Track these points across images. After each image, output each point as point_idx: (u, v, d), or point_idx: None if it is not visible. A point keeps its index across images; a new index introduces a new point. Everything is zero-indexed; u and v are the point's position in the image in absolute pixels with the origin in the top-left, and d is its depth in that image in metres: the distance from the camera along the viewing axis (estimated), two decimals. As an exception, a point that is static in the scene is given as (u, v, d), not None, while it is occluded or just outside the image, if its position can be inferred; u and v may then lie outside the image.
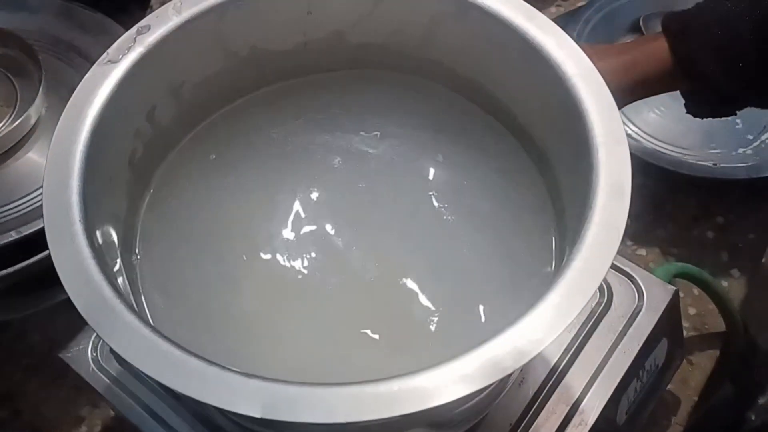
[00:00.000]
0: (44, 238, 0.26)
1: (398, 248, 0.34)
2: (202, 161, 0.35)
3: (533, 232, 0.34)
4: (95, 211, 0.28)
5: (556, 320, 0.24)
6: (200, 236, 0.34)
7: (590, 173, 0.28)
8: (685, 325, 0.50)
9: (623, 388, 0.39)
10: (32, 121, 0.46)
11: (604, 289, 0.41)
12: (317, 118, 0.37)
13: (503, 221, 0.34)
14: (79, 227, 0.26)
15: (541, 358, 0.39)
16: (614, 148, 0.28)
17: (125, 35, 0.31)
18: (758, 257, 0.54)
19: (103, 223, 0.29)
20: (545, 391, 0.38)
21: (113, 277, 0.27)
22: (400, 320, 0.32)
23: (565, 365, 0.39)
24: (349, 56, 0.37)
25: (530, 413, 0.38)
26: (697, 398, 0.48)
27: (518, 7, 0.32)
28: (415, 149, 0.36)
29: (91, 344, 0.40)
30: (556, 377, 0.39)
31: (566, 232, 0.31)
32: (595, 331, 0.40)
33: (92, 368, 0.39)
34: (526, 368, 0.38)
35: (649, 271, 0.42)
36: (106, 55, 0.31)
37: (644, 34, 0.63)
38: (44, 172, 0.27)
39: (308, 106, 0.37)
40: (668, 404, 0.47)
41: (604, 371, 0.39)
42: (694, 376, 0.49)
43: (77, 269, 0.25)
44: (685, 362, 0.48)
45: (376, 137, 0.37)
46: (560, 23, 0.64)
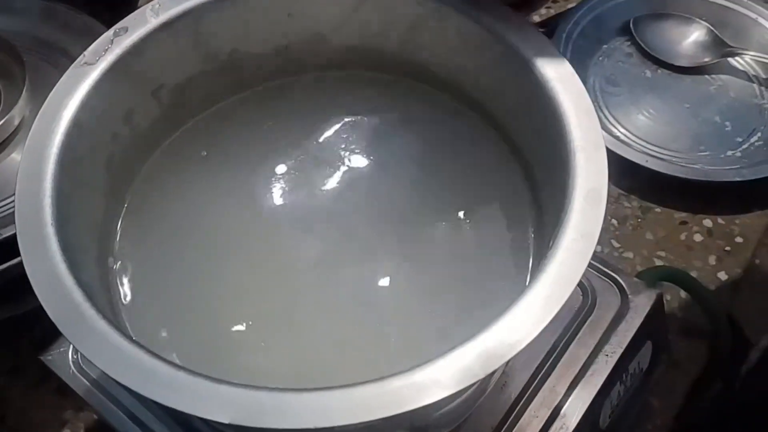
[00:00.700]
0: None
1: (377, 247, 0.34)
2: (182, 163, 0.35)
3: (513, 232, 0.34)
4: (70, 214, 0.28)
5: (529, 325, 0.24)
6: (179, 237, 0.34)
7: (567, 178, 0.28)
8: (671, 328, 0.50)
9: (606, 391, 0.39)
10: (16, 122, 0.46)
11: (588, 292, 0.41)
12: (298, 119, 0.37)
13: (482, 220, 0.34)
14: (50, 230, 0.26)
15: (523, 361, 0.39)
16: (592, 153, 0.28)
17: (102, 37, 0.31)
18: (746, 261, 0.54)
19: (78, 226, 0.29)
20: (527, 394, 0.38)
21: (86, 281, 0.26)
22: (379, 320, 0.32)
23: (547, 368, 0.39)
24: (330, 58, 0.37)
25: (512, 416, 0.38)
26: (682, 402, 0.48)
27: (498, 10, 0.32)
28: (395, 149, 0.36)
29: (71, 347, 0.40)
30: (538, 381, 0.38)
31: (544, 236, 0.31)
32: (578, 334, 0.40)
33: (73, 371, 0.39)
34: (508, 371, 0.38)
35: (634, 274, 0.42)
36: (82, 57, 0.30)
37: (634, 36, 0.63)
38: (17, 174, 0.27)
39: (289, 108, 0.37)
40: (653, 408, 0.47)
41: (586, 375, 0.39)
42: (679, 379, 0.49)
43: (48, 273, 0.25)
44: (670, 366, 0.48)
45: (356, 137, 0.37)
46: (550, 25, 0.64)
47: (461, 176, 0.35)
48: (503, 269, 0.33)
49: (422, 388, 0.23)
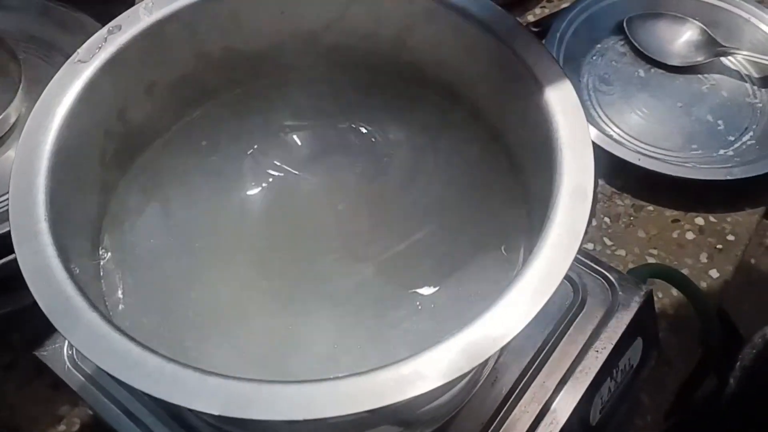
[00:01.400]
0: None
1: (367, 245, 0.34)
2: (174, 160, 0.36)
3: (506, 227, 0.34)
4: (63, 209, 0.28)
5: (515, 319, 0.24)
6: (170, 232, 0.34)
7: (554, 174, 0.28)
8: (662, 325, 0.50)
9: (596, 388, 0.40)
10: (12, 120, 0.47)
11: (578, 288, 0.42)
12: (291, 118, 0.37)
13: (471, 217, 0.34)
14: (44, 225, 0.26)
15: (514, 357, 0.39)
16: (579, 150, 0.28)
17: (96, 35, 0.31)
18: (738, 259, 0.54)
19: (71, 221, 0.29)
20: (518, 390, 0.38)
21: (78, 274, 0.27)
22: (365, 310, 0.32)
23: (538, 364, 0.39)
24: (322, 57, 0.37)
25: (502, 412, 0.38)
26: (673, 398, 0.48)
27: (488, 9, 0.32)
28: (387, 145, 0.37)
29: (67, 342, 0.40)
30: (528, 376, 0.39)
31: (533, 230, 0.31)
32: (568, 330, 0.40)
33: (68, 366, 0.39)
34: (498, 367, 0.39)
35: (624, 271, 0.43)
36: (76, 54, 0.31)
37: (628, 36, 0.63)
38: (11, 170, 0.28)
39: (282, 106, 0.37)
40: (643, 404, 0.48)
41: (576, 371, 0.39)
42: (670, 376, 0.49)
43: (41, 267, 0.25)
44: (661, 362, 0.48)
45: (350, 134, 0.37)
46: (544, 25, 0.64)
47: (451, 174, 0.36)
48: (493, 265, 0.33)
49: (408, 381, 0.23)
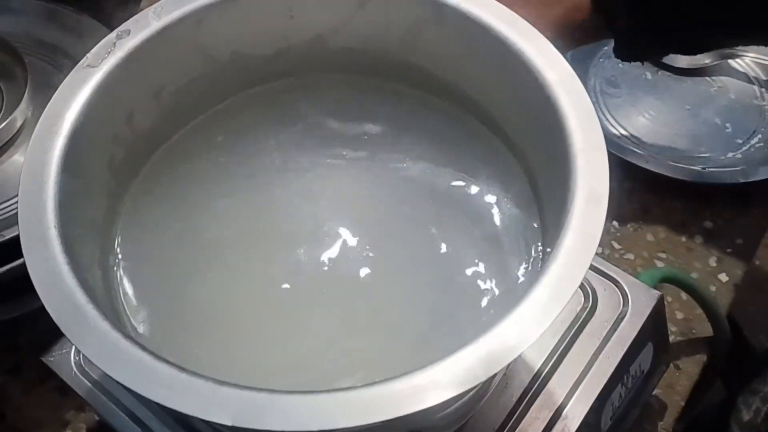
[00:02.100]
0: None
1: (376, 248, 0.34)
2: (182, 164, 0.35)
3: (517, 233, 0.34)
4: (72, 215, 0.28)
5: (531, 328, 0.24)
6: (180, 237, 0.34)
7: (568, 179, 0.27)
8: (672, 329, 0.50)
9: (607, 393, 0.39)
10: (18, 123, 0.46)
11: (588, 293, 0.41)
12: (299, 121, 0.37)
13: (481, 222, 0.34)
14: (53, 232, 0.26)
15: (524, 363, 0.39)
16: (593, 154, 0.28)
17: (105, 40, 0.31)
18: (747, 262, 0.54)
19: (80, 227, 0.29)
20: (528, 396, 0.38)
21: (88, 281, 0.26)
22: (380, 324, 0.32)
23: (549, 370, 0.39)
24: (331, 60, 0.37)
25: (513, 419, 0.38)
26: (683, 404, 0.48)
27: (499, 12, 0.32)
28: (396, 151, 0.36)
29: (74, 348, 0.40)
30: (539, 383, 0.38)
31: (546, 237, 0.31)
32: (579, 336, 0.40)
33: (75, 372, 0.39)
34: (509, 373, 0.38)
35: (634, 275, 0.42)
36: (85, 59, 0.31)
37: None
38: (21, 176, 0.27)
39: (290, 110, 0.37)
40: (654, 410, 0.47)
41: (588, 377, 0.39)
42: (680, 381, 0.49)
43: (50, 274, 0.25)
44: (671, 367, 0.48)
45: (358, 139, 0.37)
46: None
47: (462, 180, 0.35)
48: (504, 269, 0.33)
49: (423, 390, 0.23)
